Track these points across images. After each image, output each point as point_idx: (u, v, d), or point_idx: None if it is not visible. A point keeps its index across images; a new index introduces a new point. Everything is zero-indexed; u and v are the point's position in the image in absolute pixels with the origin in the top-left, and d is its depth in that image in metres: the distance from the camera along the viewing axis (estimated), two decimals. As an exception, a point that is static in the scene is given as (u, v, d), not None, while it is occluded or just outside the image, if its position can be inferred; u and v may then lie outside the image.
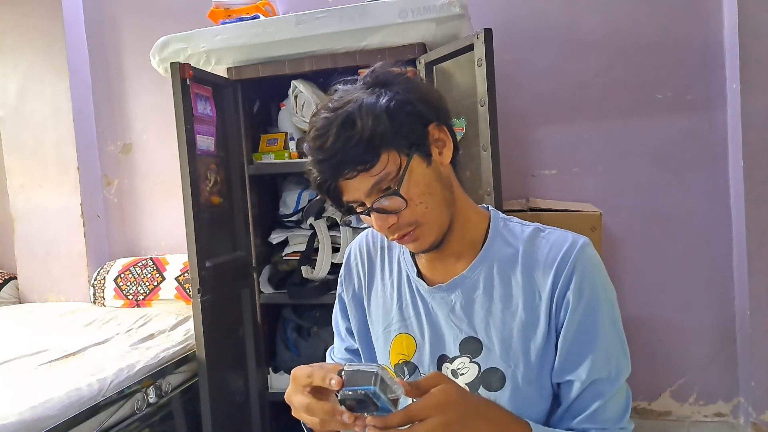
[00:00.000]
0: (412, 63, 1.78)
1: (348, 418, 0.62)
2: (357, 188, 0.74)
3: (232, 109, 1.98)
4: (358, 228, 2.09)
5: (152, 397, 1.72)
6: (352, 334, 0.98)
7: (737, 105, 1.96)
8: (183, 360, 1.90)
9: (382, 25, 1.73)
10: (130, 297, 2.47)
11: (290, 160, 1.97)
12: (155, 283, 2.46)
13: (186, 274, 2.42)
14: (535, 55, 2.19)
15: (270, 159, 1.99)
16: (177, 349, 1.90)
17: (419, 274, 0.88)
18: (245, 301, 1.98)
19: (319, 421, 0.66)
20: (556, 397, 0.80)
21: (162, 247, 2.68)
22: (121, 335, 2.03)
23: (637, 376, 0.81)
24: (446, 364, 0.83)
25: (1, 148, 2.74)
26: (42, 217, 2.66)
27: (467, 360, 0.81)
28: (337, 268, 2.00)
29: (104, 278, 2.53)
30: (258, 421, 2.02)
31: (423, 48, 1.78)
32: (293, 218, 2.07)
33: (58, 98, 2.60)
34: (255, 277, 2.02)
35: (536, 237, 0.81)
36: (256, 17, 1.98)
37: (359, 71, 1.86)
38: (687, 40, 2.07)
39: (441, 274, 0.85)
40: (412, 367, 0.86)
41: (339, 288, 0.99)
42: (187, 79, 1.70)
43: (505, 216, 0.87)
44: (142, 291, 2.46)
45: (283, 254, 2.07)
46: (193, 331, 1.85)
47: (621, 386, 0.77)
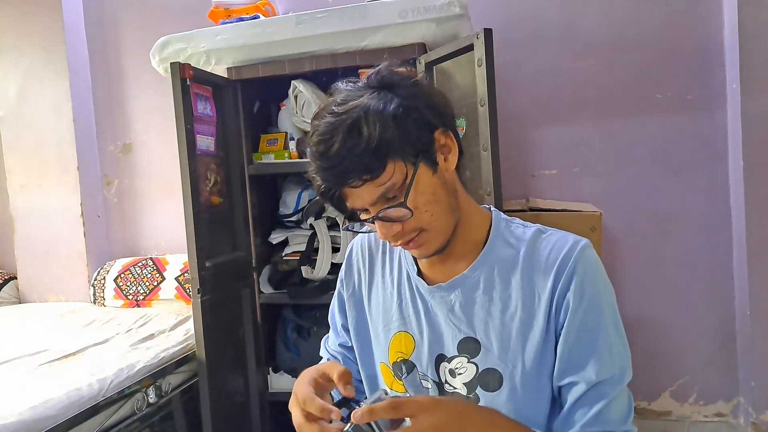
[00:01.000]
0: (412, 63, 1.78)
1: None
2: (361, 196, 0.74)
3: (232, 109, 1.98)
4: (359, 233, 2.09)
5: (152, 397, 1.72)
6: (347, 331, 0.99)
7: (737, 105, 1.96)
8: (183, 360, 1.90)
9: (382, 25, 1.73)
10: (130, 297, 2.47)
11: (290, 160, 1.97)
12: (155, 283, 2.46)
13: (186, 274, 2.42)
14: (535, 55, 2.19)
15: (270, 159, 1.99)
16: (177, 349, 1.90)
17: (419, 273, 0.88)
18: (245, 301, 1.98)
19: None
20: (555, 400, 0.80)
21: (162, 247, 2.68)
22: (121, 335, 2.03)
23: (637, 376, 0.81)
24: (444, 363, 0.83)
25: (1, 148, 2.74)
26: (42, 217, 2.66)
27: (465, 360, 0.81)
28: (337, 268, 2.00)
29: (104, 278, 2.53)
30: (258, 421, 2.02)
31: (423, 48, 1.78)
32: (293, 218, 2.07)
33: (58, 98, 2.60)
34: (255, 277, 2.02)
35: (537, 239, 0.81)
36: (256, 17, 1.98)
37: (360, 71, 1.86)
38: (687, 40, 2.07)
39: (441, 273, 0.86)
40: (410, 365, 0.86)
41: (339, 284, 0.99)
42: (187, 79, 1.70)
43: (507, 217, 0.87)
44: (142, 291, 2.47)
45: (283, 254, 2.07)
46: (193, 331, 1.84)
47: (623, 388, 0.76)
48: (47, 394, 1.46)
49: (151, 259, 2.55)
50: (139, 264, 2.53)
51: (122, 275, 2.51)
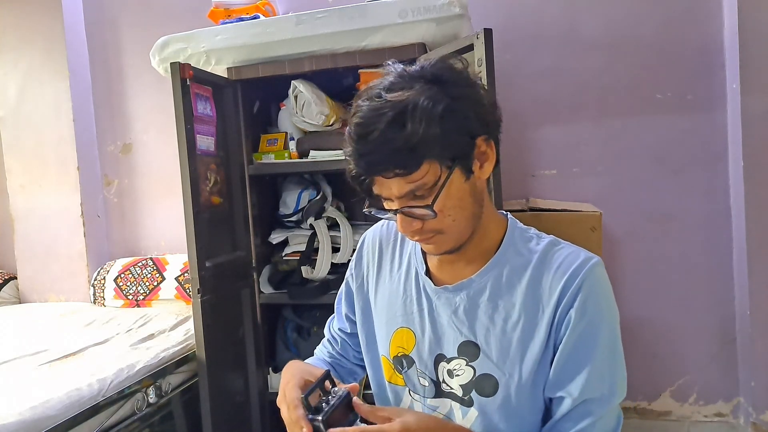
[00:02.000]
0: (412, 63, 1.78)
1: None
2: (390, 188, 0.73)
3: (232, 109, 1.98)
4: (361, 224, 2.09)
5: (152, 397, 1.72)
6: (351, 321, 1.01)
7: (737, 105, 1.96)
8: (183, 360, 1.90)
9: (382, 25, 1.73)
10: (130, 297, 2.47)
11: (290, 160, 1.97)
12: (155, 283, 2.46)
13: (186, 274, 2.42)
14: (535, 55, 2.19)
15: (270, 159, 1.99)
16: (177, 349, 1.90)
17: (428, 272, 0.88)
18: (245, 301, 1.98)
19: None
20: (548, 412, 0.80)
21: (162, 247, 2.68)
22: (121, 335, 2.03)
23: (637, 376, 0.81)
24: (443, 363, 0.83)
25: (1, 148, 2.74)
26: (42, 217, 2.66)
27: (464, 362, 0.81)
28: (337, 268, 2.01)
29: (104, 278, 2.53)
30: (258, 421, 2.02)
31: (423, 48, 1.78)
32: (293, 218, 2.07)
33: (58, 98, 2.60)
34: (255, 277, 2.02)
35: (549, 251, 0.80)
36: (256, 17, 1.98)
37: (360, 71, 1.86)
38: (687, 40, 2.07)
39: (449, 275, 0.86)
40: (410, 361, 0.87)
41: (348, 273, 1.00)
42: (187, 79, 1.70)
43: (523, 226, 0.87)
44: (142, 291, 2.47)
45: (283, 254, 2.07)
46: (193, 331, 1.85)
47: (613, 408, 0.76)
48: (47, 394, 1.46)
49: (151, 259, 2.55)
50: (139, 264, 2.53)
51: (122, 275, 2.51)
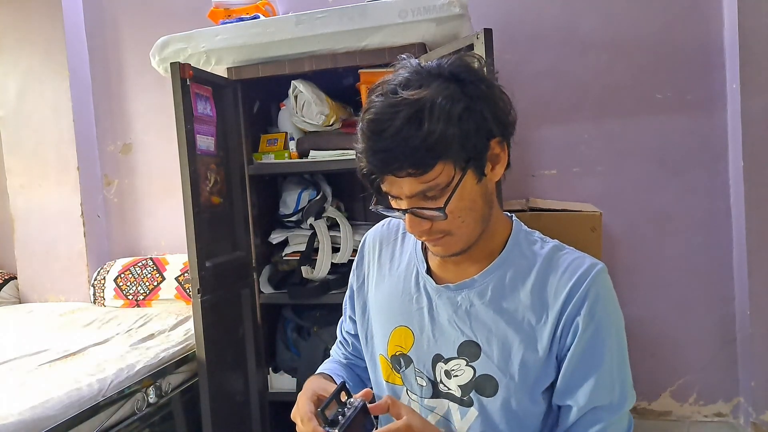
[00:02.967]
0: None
1: None
2: (401, 186, 0.72)
3: (232, 109, 1.98)
4: (361, 224, 2.09)
5: (152, 397, 1.72)
6: (355, 322, 1.00)
7: (737, 105, 1.96)
8: (183, 360, 1.90)
9: (382, 25, 1.73)
10: (130, 297, 2.47)
11: (290, 160, 1.97)
12: (155, 283, 2.46)
13: (186, 274, 2.42)
14: (535, 55, 2.19)
15: (270, 159, 1.99)
16: (177, 349, 1.90)
17: (429, 270, 0.87)
18: (245, 301, 1.98)
19: None
20: (547, 417, 0.80)
21: (162, 247, 2.68)
22: (121, 335, 2.03)
23: (637, 376, 0.81)
24: (440, 364, 0.82)
25: (1, 148, 2.74)
26: (42, 217, 2.66)
27: (464, 363, 0.80)
28: (337, 268, 2.00)
29: (104, 278, 2.53)
30: (258, 421, 2.01)
31: (423, 48, 1.78)
32: (293, 218, 2.07)
33: (58, 98, 2.60)
34: (255, 277, 2.02)
35: (553, 256, 0.80)
36: (256, 17, 1.98)
37: (360, 71, 1.86)
38: (687, 40, 2.07)
39: (451, 274, 0.85)
40: (407, 360, 0.86)
41: (351, 274, 1.01)
42: (187, 79, 1.70)
43: (528, 229, 0.86)
44: (142, 291, 2.46)
45: (283, 254, 2.07)
46: (193, 331, 1.84)
47: (623, 414, 0.76)
48: (47, 394, 1.46)
49: (151, 259, 2.55)
50: (139, 264, 2.53)
51: (122, 275, 2.51)
